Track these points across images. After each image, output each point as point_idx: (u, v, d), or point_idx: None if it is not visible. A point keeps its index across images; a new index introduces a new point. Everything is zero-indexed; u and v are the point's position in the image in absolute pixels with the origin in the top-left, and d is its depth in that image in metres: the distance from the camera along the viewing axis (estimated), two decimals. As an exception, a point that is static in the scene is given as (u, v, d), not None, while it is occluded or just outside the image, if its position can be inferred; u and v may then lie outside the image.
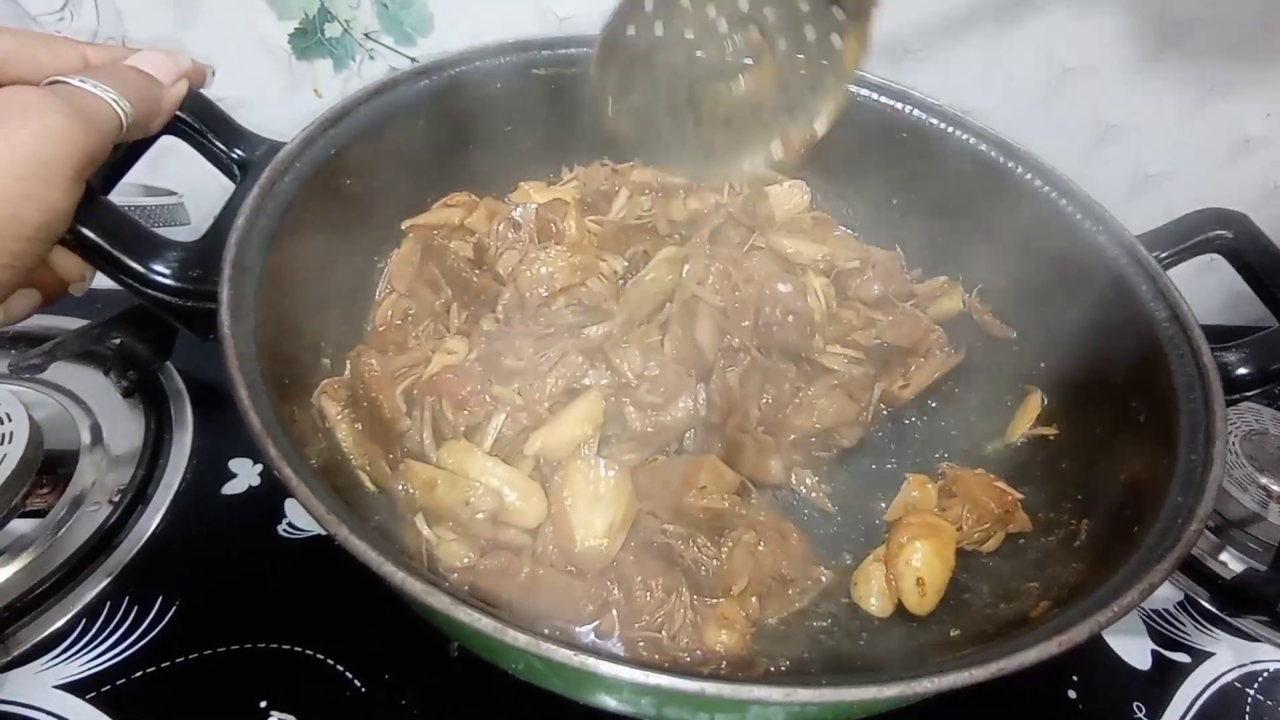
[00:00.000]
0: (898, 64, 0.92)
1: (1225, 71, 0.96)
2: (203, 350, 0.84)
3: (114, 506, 0.72)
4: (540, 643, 0.40)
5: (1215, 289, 1.14)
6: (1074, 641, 0.43)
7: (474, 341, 0.66)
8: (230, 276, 0.51)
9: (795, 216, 0.85)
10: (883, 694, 0.41)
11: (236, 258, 0.53)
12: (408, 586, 0.42)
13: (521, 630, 0.40)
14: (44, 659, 0.63)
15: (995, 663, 0.42)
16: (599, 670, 0.40)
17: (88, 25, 0.81)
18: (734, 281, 0.69)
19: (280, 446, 0.46)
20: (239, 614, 0.67)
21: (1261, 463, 0.88)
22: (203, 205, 0.91)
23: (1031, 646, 0.43)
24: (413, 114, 0.70)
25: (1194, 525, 0.48)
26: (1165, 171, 1.05)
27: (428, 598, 0.41)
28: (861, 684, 0.41)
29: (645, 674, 0.40)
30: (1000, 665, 0.42)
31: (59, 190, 0.43)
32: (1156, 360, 0.59)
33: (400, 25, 0.85)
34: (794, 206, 0.86)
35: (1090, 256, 0.68)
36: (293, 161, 0.60)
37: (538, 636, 0.40)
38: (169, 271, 0.52)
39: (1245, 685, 0.74)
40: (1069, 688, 0.70)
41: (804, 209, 0.85)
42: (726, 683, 0.40)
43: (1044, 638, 0.43)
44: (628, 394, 0.65)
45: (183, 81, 0.55)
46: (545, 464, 0.62)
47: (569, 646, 0.40)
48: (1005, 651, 0.42)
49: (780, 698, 0.40)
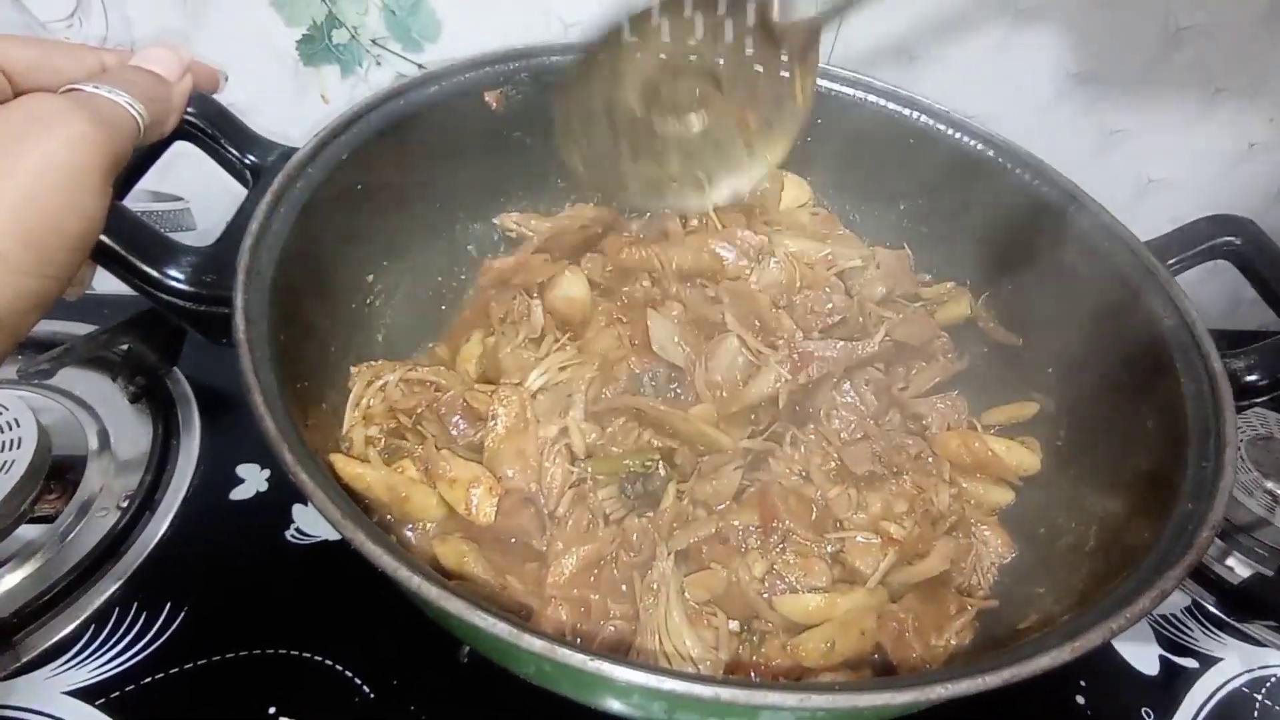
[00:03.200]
0: (903, 70, 0.93)
1: (1229, 77, 0.96)
2: (210, 356, 0.85)
3: (122, 512, 0.72)
4: (556, 648, 0.40)
5: (1218, 293, 1.14)
6: (1087, 648, 0.43)
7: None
8: (244, 281, 0.52)
9: (796, 213, 0.86)
10: (896, 700, 0.40)
11: (250, 263, 0.53)
12: (423, 591, 0.42)
13: (537, 635, 0.40)
14: (53, 665, 0.63)
15: (1008, 669, 0.42)
16: (613, 675, 0.40)
17: (96, 31, 0.82)
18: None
19: (295, 452, 0.46)
20: (247, 620, 0.67)
21: (1268, 468, 0.88)
22: (209, 211, 0.91)
23: (1044, 653, 0.42)
24: (424, 120, 0.70)
25: (1205, 532, 0.48)
26: (1169, 177, 1.05)
27: (443, 602, 0.41)
28: (875, 689, 0.41)
29: (659, 679, 0.40)
30: (1014, 671, 0.41)
31: (94, 197, 0.42)
32: (1165, 366, 0.59)
33: (408, 32, 0.86)
34: (793, 200, 0.87)
35: (1098, 262, 0.68)
36: (305, 167, 0.60)
37: (553, 641, 0.40)
38: (183, 276, 0.53)
39: (1253, 690, 0.74)
40: (1077, 693, 0.71)
41: (805, 202, 0.85)
42: (740, 688, 0.40)
43: (1056, 644, 0.43)
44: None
45: (188, 76, 0.55)
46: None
47: (583, 651, 0.40)
48: (1018, 658, 0.42)
49: (794, 702, 0.40)
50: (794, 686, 0.41)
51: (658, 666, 0.49)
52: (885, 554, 0.63)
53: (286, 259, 0.56)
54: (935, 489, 0.68)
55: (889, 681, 0.42)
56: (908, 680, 0.42)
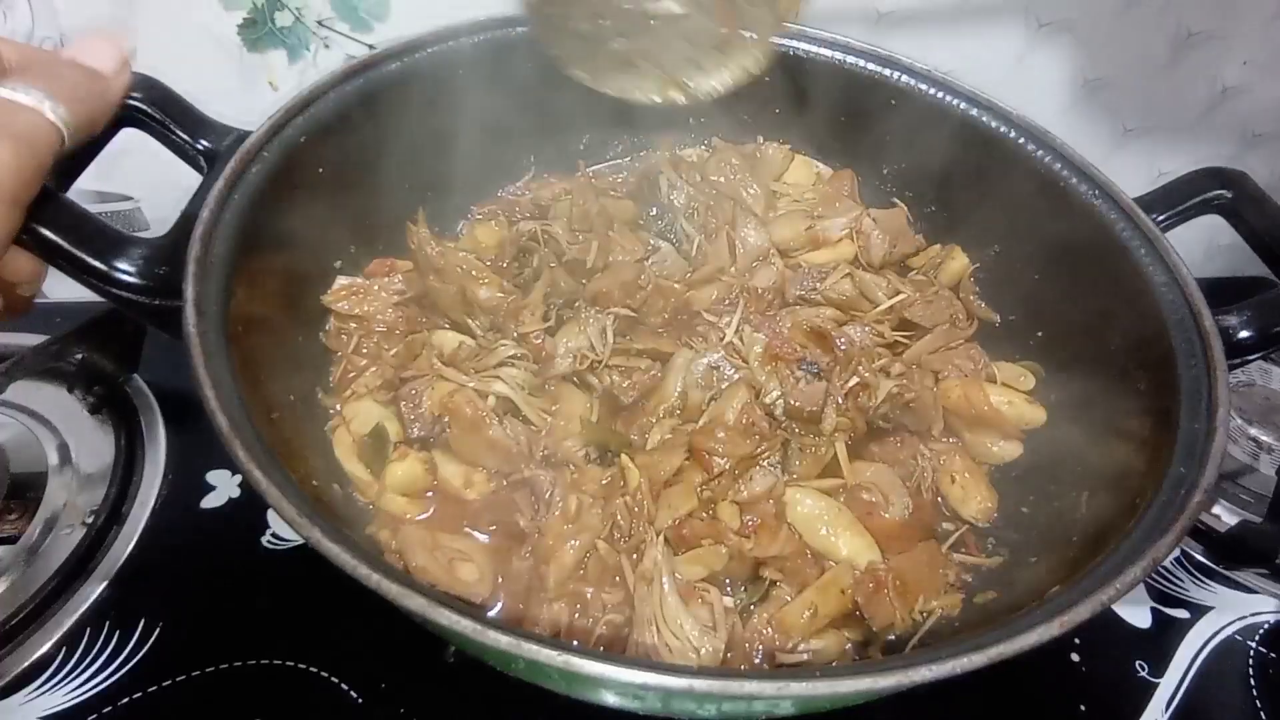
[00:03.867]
0: (872, 27, 0.90)
1: (1201, 20, 0.94)
2: (170, 359, 0.81)
3: (88, 528, 0.70)
4: (521, 642, 0.39)
5: (1193, 240, 1.13)
6: (1076, 622, 0.42)
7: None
8: (195, 272, 0.49)
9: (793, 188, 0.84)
10: (878, 684, 0.40)
11: (202, 253, 0.50)
12: (382, 588, 0.40)
13: (503, 631, 0.39)
14: (27, 690, 0.61)
15: (994, 647, 0.41)
16: (585, 670, 0.39)
17: (23, 26, 0.77)
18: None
19: (250, 449, 0.44)
20: (226, 631, 0.65)
21: (1250, 414, 0.88)
22: (161, 209, 0.87)
23: (1032, 629, 0.42)
24: (385, 99, 0.67)
25: (1197, 497, 0.47)
26: (1145, 125, 1.04)
27: (404, 600, 0.40)
28: (857, 674, 0.40)
29: (631, 672, 0.38)
30: (1000, 650, 0.40)
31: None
32: (1156, 326, 0.58)
33: (355, 11, 0.82)
34: (801, 178, 0.85)
35: (1085, 220, 0.67)
36: (259, 151, 0.57)
37: (519, 637, 0.39)
38: (134, 269, 0.49)
39: (1246, 638, 0.74)
40: (1072, 650, 0.70)
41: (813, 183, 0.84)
42: (717, 678, 0.39)
43: (1045, 619, 0.42)
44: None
45: (127, 69, 0.51)
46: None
47: (551, 645, 0.39)
48: (1004, 635, 0.41)
49: (773, 691, 0.39)
50: (772, 675, 0.40)
51: (628, 658, 0.48)
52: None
53: (243, 248, 0.54)
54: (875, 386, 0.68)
55: (870, 665, 0.41)
56: (890, 664, 0.41)
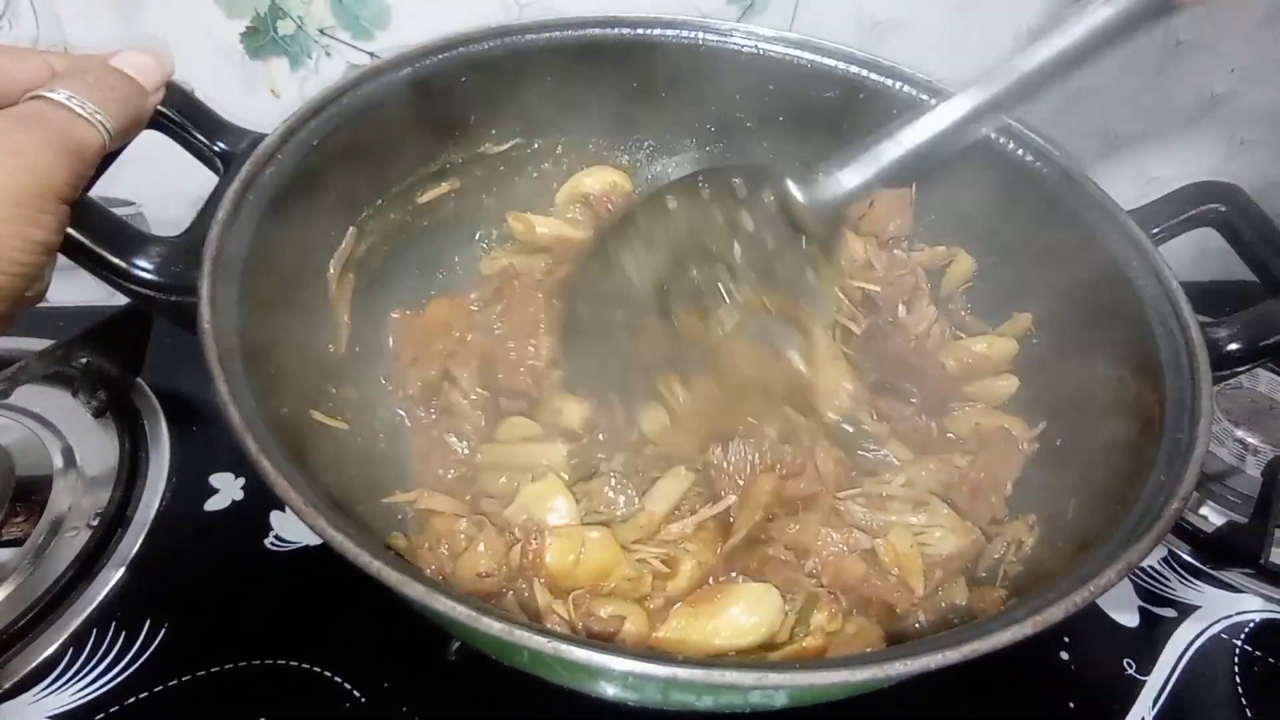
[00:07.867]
0: (865, 33, 0.91)
1: (1189, 29, 0.96)
2: (174, 364, 0.83)
3: (93, 531, 0.70)
4: (514, 629, 0.39)
5: (1187, 245, 1.15)
6: (1050, 622, 0.43)
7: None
8: (210, 270, 0.50)
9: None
10: (854, 677, 0.40)
11: (217, 251, 0.52)
12: (383, 576, 0.41)
13: (496, 618, 0.40)
14: (35, 690, 0.61)
15: (969, 644, 0.41)
16: (574, 657, 0.39)
17: (27, 33, 0.78)
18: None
19: (261, 442, 0.44)
20: (231, 632, 0.66)
21: (1238, 416, 0.89)
22: (163, 213, 0.88)
23: (1005, 628, 0.42)
24: (396, 103, 0.68)
25: (1174, 504, 0.48)
26: (1133, 131, 1.05)
27: (403, 588, 0.41)
28: (833, 667, 0.41)
29: (612, 658, 0.39)
30: (974, 646, 0.41)
31: (44, 231, 0.42)
32: (1144, 337, 0.59)
33: (356, 19, 0.83)
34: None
35: (1076, 230, 0.67)
36: (274, 153, 0.59)
37: (511, 623, 0.39)
38: (151, 266, 0.51)
39: (1232, 636, 0.75)
40: (1060, 649, 0.72)
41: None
42: (698, 667, 0.40)
43: (1019, 619, 0.43)
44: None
45: (163, 88, 0.53)
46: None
47: (542, 633, 0.40)
48: (979, 633, 0.42)
49: (752, 681, 0.40)
50: (752, 665, 0.41)
51: (615, 646, 0.49)
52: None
53: (257, 247, 0.55)
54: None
55: (845, 659, 0.42)
56: (866, 657, 0.42)
